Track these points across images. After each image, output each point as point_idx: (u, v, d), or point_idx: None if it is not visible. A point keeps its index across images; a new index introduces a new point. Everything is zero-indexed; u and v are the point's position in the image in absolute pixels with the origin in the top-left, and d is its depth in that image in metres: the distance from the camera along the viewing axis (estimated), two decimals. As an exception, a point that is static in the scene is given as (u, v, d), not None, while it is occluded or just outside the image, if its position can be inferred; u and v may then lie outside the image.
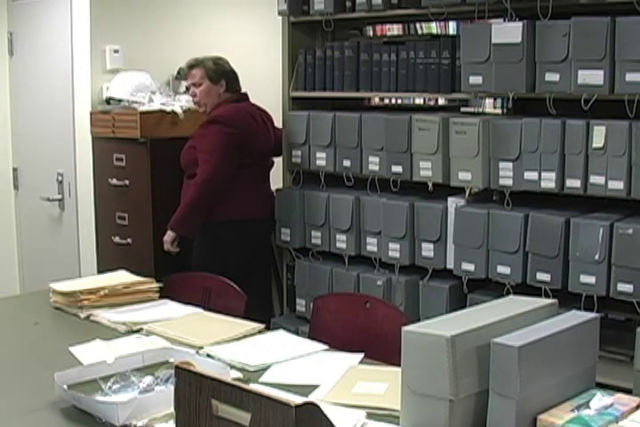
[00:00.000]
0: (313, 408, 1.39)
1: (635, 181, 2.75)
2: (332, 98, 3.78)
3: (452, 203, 3.22)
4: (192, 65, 3.81)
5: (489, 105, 4.15)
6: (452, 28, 4.54)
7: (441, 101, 4.49)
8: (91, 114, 4.33)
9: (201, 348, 2.35)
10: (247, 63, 4.71)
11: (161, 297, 2.88)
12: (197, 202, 3.66)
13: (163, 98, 4.20)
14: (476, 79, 3.08)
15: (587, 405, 1.68)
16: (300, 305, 3.76)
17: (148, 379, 2.00)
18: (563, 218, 2.90)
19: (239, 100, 3.87)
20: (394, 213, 3.36)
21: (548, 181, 2.92)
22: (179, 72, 4.58)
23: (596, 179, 2.82)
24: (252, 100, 3.97)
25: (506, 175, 3.03)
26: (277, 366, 2.22)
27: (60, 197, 4.73)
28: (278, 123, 3.90)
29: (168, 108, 4.11)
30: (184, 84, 4.61)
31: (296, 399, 1.40)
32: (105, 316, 2.65)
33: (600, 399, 1.70)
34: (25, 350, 2.42)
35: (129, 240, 4.18)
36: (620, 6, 2.78)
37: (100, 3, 4.33)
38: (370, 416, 1.86)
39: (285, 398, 1.38)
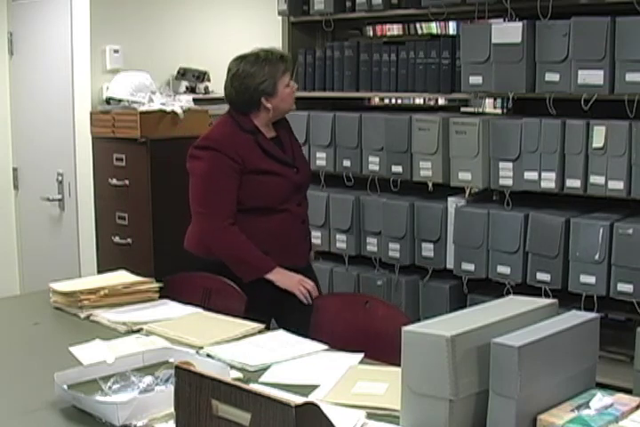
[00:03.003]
0: (313, 408, 1.38)
1: (635, 181, 2.75)
2: (331, 98, 3.77)
3: (452, 203, 3.22)
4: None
5: (489, 105, 4.15)
6: (451, 28, 4.55)
7: (441, 101, 4.49)
8: (91, 114, 4.33)
9: (201, 348, 2.34)
10: (247, 63, 4.71)
11: (161, 297, 2.87)
12: None
13: (163, 98, 4.20)
14: (476, 79, 3.08)
15: (587, 405, 1.68)
16: (300, 305, 3.75)
17: (148, 379, 1.99)
18: (563, 218, 2.90)
19: None
20: (394, 213, 3.36)
21: (548, 181, 2.92)
22: (179, 72, 4.58)
23: (596, 179, 2.82)
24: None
25: (506, 175, 3.03)
26: (277, 366, 2.21)
27: (59, 197, 4.73)
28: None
29: (168, 108, 4.11)
30: (184, 84, 4.61)
31: (296, 399, 1.40)
32: (105, 316, 2.64)
33: (600, 399, 1.70)
34: (25, 350, 2.42)
35: (129, 240, 4.18)
36: (619, 6, 2.78)
37: (100, 3, 4.33)
38: (370, 416, 1.85)
39: (285, 398, 1.38)
